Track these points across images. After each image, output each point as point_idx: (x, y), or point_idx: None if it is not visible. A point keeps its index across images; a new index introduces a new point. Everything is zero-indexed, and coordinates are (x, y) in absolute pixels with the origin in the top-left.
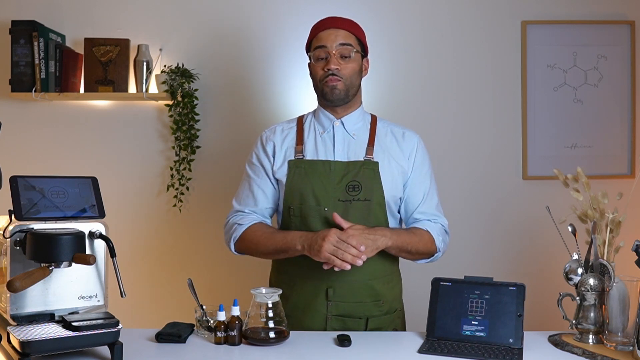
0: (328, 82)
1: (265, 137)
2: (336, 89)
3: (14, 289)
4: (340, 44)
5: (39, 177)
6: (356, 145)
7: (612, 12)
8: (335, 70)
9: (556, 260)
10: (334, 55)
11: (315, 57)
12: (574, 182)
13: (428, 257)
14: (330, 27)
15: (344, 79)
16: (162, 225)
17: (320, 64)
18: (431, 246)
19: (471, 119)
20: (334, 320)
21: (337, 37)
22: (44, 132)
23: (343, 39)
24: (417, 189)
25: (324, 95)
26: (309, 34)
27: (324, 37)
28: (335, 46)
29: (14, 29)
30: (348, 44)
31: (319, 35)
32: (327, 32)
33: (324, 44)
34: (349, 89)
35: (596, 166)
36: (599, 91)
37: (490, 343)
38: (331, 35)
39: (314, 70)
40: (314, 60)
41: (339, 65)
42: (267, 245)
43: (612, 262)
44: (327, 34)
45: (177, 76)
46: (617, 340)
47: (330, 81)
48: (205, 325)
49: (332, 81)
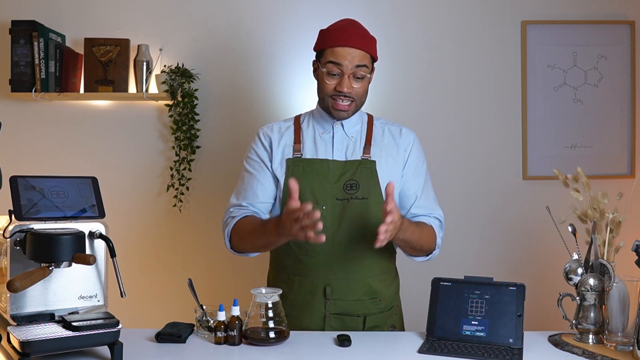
0: (336, 105)
1: (262, 133)
2: (344, 112)
3: (14, 289)
4: (356, 65)
5: (39, 177)
6: (354, 145)
7: (612, 12)
8: (348, 93)
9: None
10: (348, 77)
11: (328, 70)
12: (574, 182)
13: (426, 255)
14: (347, 46)
15: (356, 99)
16: (162, 225)
17: (332, 80)
18: (432, 244)
19: (471, 119)
20: (332, 319)
21: (354, 59)
22: (44, 132)
23: (359, 61)
24: (414, 184)
25: (328, 111)
26: (320, 36)
27: (339, 55)
28: (350, 68)
29: (14, 29)
30: (363, 65)
31: (335, 52)
32: (344, 51)
33: (339, 62)
34: (357, 107)
35: (596, 166)
36: (599, 91)
37: (490, 343)
38: (348, 55)
39: (323, 82)
40: (325, 72)
41: (352, 89)
42: (253, 239)
43: (612, 262)
44: (344, 53)
45: (177, 76)
46: (617, 340)
47: (339, 105)
48: (205, 325)
49: (341, 106)
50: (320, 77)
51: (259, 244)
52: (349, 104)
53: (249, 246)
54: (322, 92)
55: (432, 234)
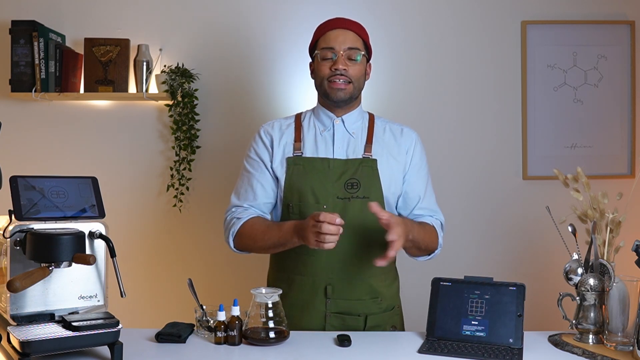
0: (333, 84)
1: (263, 132)
2: (341, 90)
3: (14, 289)
4: (349, 47)
5: (39, 177)
6: (355, 144)
7: (612, 12)
8: (343, 70)
9: (556, 260)
10: (342, 57)
11: (322, 56)
12: (574, 182)
13: (428, 254)
14: (338, 28)
15: (353, 81)
16: (162, 225)
17: (327, 63)
18: (435, 242)
19: (471, 119)
20: (333, 318)
21: (346, 40)
22: (44, 132)
23: (351, 43)
24: (418, 185)
25: (326, 95)
26: (314, 33)
27: (331, 37)
28: (343, 48)
29: (14, 29)
30: (356, 48)
31: (327, 35)
32: (335, 33)
33: (332, 45)
34: (355, 90)
35: (596, 166)
36: (599, 91)
37: (490, 343)
38: (339, 36)
39: (319, 68)
40: (319, 59)
41: (346, 66)
42: (265, 239)
43: (612, 262)
44: (335, 34)
45: (177, 76)
46: (617, 340)
47: (336, 84)
48: (205, 325)
49: (338, 84)
50: (316, 66)
51: (269, 243)
52: (345, 84)
53: (258, 245)
54: (319, 78)
55: (435, 233)
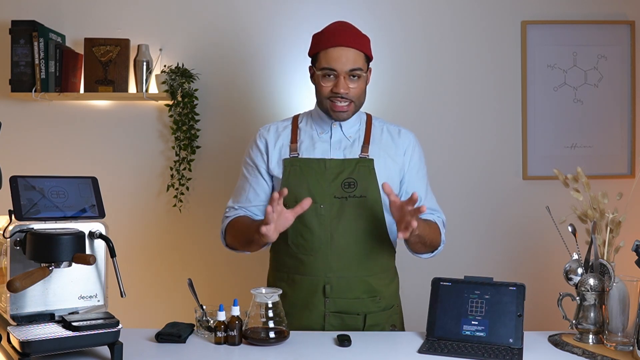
0: (335, 107)
1: (259, 135)
2: (343, 112)
3: (14, 289)
4: (350, 69)
5: (39, 177)
6: (352, 145)
7: (612, 12)
8: (345, 93)
9: (556, 260)
10: (344, 79)
11: (323, 73)
12: (574, 182)
13: (432, 251)
14: (339, 46)
15: (354, 100)
16: (162, 225)
17: (328, 83)
18: (439, 239)
19: (471, 119)
20: (332, 317)
21: (347, 61)
22: (44, 132)
23: (353, 64)
24: (418, 185)
25: (327, 113)
26: (314, 40)
27: (333, 58)
28: (345, 69)
29: (14, 29)
30: (358, 68)
31: (328, 53)
32: (336, 53)
33: (332, 66)
34: (357, 108)
35: (596, 166)
36: (599, 91)
37: (490, 343)
38: (341, 57)
39: (320, 86)
40: (320, 75)
41: (348, 89)
42: (242, 235)
43: (612, 262)
44: (337, 55)
45: (177, 76)
46: (617, 340)
47: (337, 107)
48: (205, 325)
49: (339, 107)
50: (316, 81)
51: (244, 239)
52: (347, 105)
53: (238, 242)
54: (319, 95)
55: (438, 230)
